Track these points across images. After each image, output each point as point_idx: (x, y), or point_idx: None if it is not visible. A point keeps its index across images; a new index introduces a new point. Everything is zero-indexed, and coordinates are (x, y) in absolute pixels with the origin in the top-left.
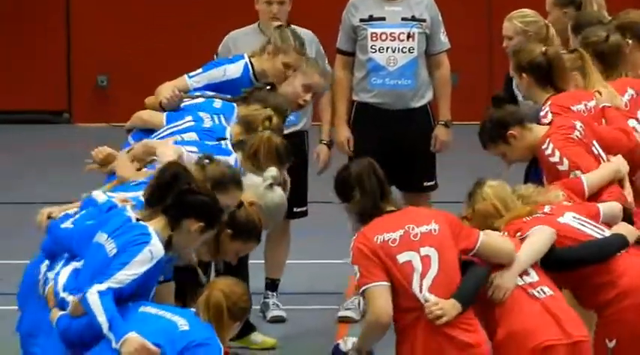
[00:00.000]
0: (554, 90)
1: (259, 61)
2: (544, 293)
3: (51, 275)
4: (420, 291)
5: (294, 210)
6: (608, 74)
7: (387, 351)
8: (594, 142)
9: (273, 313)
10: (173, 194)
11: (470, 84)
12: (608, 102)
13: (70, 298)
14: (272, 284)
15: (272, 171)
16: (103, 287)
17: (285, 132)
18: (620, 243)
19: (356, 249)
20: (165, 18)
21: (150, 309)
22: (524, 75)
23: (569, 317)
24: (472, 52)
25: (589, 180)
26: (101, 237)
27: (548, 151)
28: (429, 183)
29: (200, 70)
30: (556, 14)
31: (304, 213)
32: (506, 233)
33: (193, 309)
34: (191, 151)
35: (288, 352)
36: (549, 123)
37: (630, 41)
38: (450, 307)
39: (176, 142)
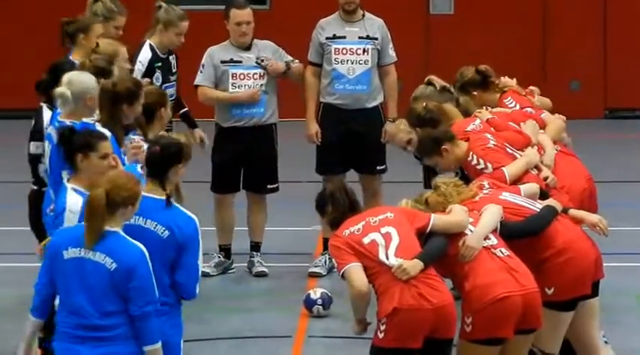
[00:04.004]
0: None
1: None
2: (502, 253)
3: None
4: (387, 258)
5: (268, 186)
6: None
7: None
8: (506, 144)
9: (257, 269)
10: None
11: (411, 89)
12: (488, 115)
13: None
14: (256, 246)
15: None
16: None
17: (257, 123)
18: (553, 213)
19: (331, 246)
20: None
21: None
22: (417, 129)
23: (522, 273)
24: (414, 64)
25: (509, 170)
26: None
27: (474, 161)
28: (380, 167)
29: None
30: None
31: (276, 189)
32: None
33: None
34: None
35: (271, 300)
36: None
37: (475, 92)
38: (412, 265)
39: None
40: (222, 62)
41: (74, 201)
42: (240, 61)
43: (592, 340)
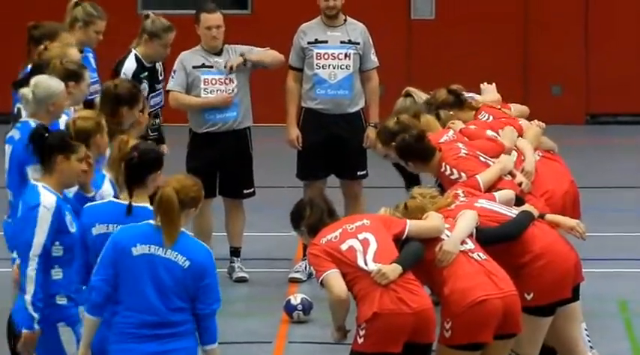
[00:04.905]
0: None
1: None
2: (480, 257)
3: None
4: (366, 264)
5: (244, 191)
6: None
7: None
8: (479, 153)
9: (237, 275)
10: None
11: (393, 94)
12: (461, 125)
13: None
14: (235, 252)
15: None
16: None
17: (231, 127)
18: (530, 218)
19: (309, 255)
20: None
21: None
22: (392, 144)
23: (501, 276)
24: (395, 69)
25: (482, 177)
26: None
27: (447, 172)
28: (361, 172)
29: None
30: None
31: (252, 194)
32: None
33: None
34: None
35: (252, 306)
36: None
37: (452, 112)
38: (391, 270)
39: None
40: (194, 67)
41: (48, 198)
42: (212, 66)
43: (575, 344)
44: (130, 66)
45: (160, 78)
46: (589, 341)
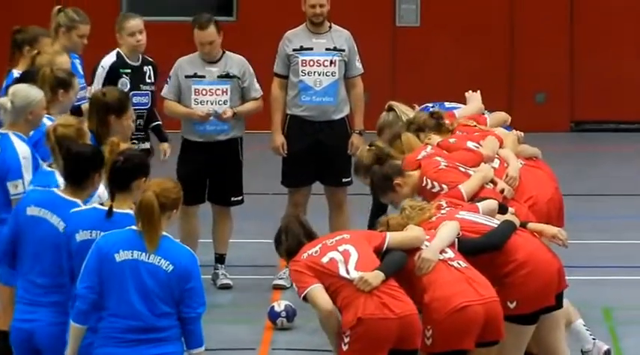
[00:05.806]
0: None
1: None
2: (460, 265)
3: None
4: (348, 273)
5: (232, 199)
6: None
7: None
8: (458, 164)
9: (222, 281)
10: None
11: (378, 101)
12: (438, 139)
13: None
14: (220, 258)
15: None
16: None
17: (222, 138)
18: (512, 228)
19: (291, 271)
20: None
21: None
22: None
23: (481, 283)
24: (380, 76)
25: (465, 188)
26: None
27: (429, 185)
28: (346, 179)
29: None
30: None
31: (241, 201)
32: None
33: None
34: None
35: (235, 312)
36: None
37: (431, 133)
38: (373, 276)
39: None
40: (187, 77)
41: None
42: (204, 76)
43: (560, 351)
44: (108, 60)
45: (149, 80)
46: (590, 335)
